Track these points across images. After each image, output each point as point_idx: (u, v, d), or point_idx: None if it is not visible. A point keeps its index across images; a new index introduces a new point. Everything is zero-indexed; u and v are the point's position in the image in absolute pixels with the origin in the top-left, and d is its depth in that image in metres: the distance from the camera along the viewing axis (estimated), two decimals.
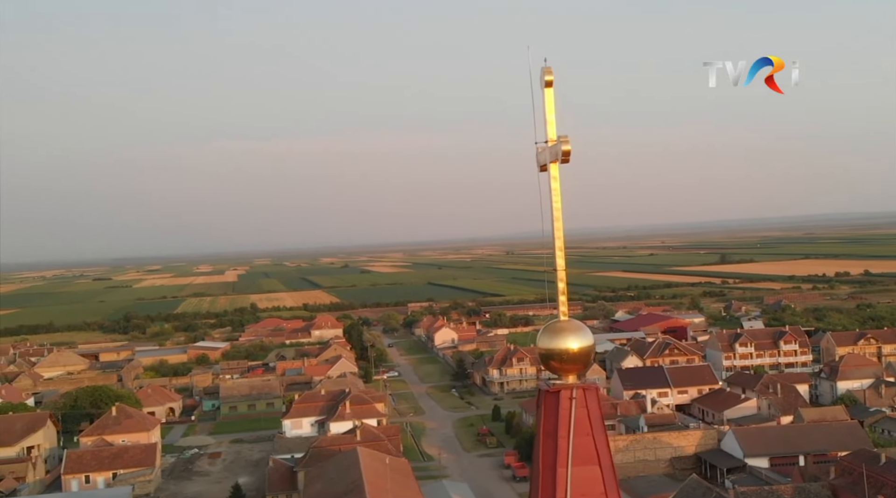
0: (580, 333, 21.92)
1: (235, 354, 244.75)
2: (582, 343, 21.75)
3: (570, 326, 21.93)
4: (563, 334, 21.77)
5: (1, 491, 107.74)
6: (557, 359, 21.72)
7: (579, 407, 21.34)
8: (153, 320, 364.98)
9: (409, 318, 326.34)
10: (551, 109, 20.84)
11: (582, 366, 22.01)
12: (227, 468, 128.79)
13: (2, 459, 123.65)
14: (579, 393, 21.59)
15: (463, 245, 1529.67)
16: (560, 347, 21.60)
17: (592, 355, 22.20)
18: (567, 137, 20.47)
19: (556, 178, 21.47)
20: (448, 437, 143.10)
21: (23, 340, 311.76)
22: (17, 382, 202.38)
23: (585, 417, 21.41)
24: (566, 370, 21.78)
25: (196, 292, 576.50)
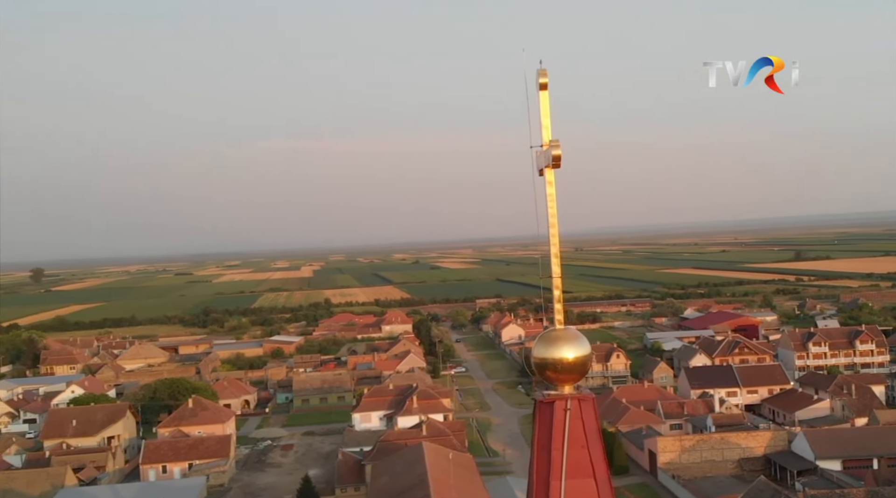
0: (576, 342, 21.11)
1: (309, 348, 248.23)
2: (577, 353, 20.95)
3: (565, 335, 21.12)
4: (558, 344, 20.99)
5: (82, 479, 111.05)
6: (552, 369, 20.97)
7: (574, 418, 20.56)
8: (231, 314, 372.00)
9: (477, 314, 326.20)
10: (546, 112, 20.35)
11: (578, 376, 21.22)
12: (298, 460, 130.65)
13: (83, 449, 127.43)
14: (574, 404, 20.82)
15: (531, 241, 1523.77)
16: (555, 356, 20.82)
17: (589, 365, 21.38)
18: (558, 142, 19.94)
19: (552, 183, 20.88)
20: (513, 433, 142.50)
21: (107, 333, 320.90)
22: (101, 374, 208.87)
23: (580, 428, 20.64)
24: (562, 380, 21.02)
25: (273, 287, 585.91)
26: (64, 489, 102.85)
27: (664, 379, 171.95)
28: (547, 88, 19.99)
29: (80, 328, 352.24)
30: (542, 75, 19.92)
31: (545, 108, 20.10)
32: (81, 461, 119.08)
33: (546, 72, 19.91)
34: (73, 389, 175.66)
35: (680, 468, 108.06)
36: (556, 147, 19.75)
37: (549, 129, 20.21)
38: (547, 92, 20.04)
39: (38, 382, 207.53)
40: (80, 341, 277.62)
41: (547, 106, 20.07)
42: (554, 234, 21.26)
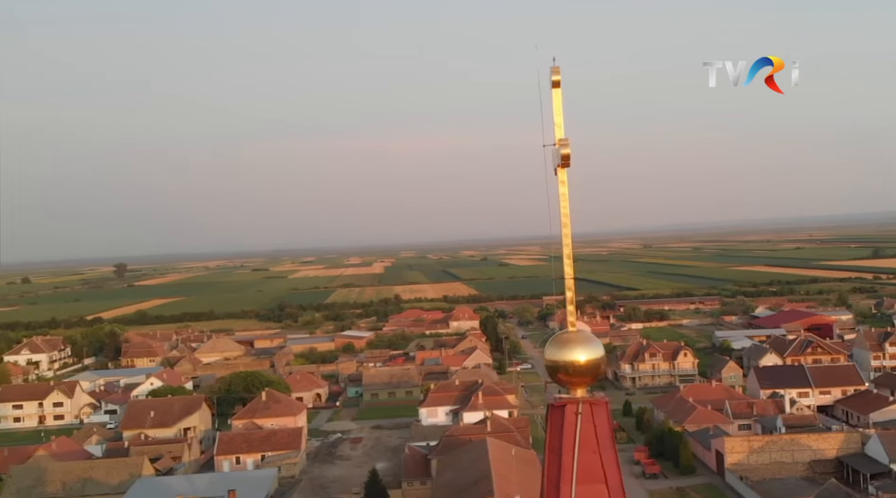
0: (589, 344, 20.39)
1: (379, 343, 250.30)
2: (590, 355, 20.22)
3: (578, 338, 20.43)
4: (570, 346, 20.31)
5: (158, 469, 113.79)
6: (564, 371, 20.31)
7: (585, 422, 19.87)
8: (305, 310, 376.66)
9: (543, 311, 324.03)
10: (559, 111, 19.76)
11: (590, 379, 20.48)
12: (367, 453, 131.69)
13: (160, 439, 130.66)
14: (586, 408, 20.12)
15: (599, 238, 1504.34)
16: (566, 359, 20.16)
17: (602, 368, 20.59)
18: (567, 140, 19.30)
19: (564, 182, 20.19)
20: None
21: (185, 327, 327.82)
22: (179, 367, 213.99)
23: (592, 432, 19.93)
24: (574, 383, 20.35)
25: (345, 283, 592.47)
26: (141, 479, 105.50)
27: (733, 378, 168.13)
28: (559, 86, 19.46)
29: (160, 322, 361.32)
30: (554, 73, 19.37)
31: (557, 106, 19.56)
32: (158, 452, 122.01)
33: (559, 69, 19.36)
34: (152, 382, 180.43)
35: (748, 469, 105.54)
36: (564, 146, 19.16)
37: (561, 127, 19.66)
38: (560, 89, 19.52)
39: (119, 374, 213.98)
40: (159, 335, 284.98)
41: (560, 104, 19.56)
42: (566, 235, 20.59)
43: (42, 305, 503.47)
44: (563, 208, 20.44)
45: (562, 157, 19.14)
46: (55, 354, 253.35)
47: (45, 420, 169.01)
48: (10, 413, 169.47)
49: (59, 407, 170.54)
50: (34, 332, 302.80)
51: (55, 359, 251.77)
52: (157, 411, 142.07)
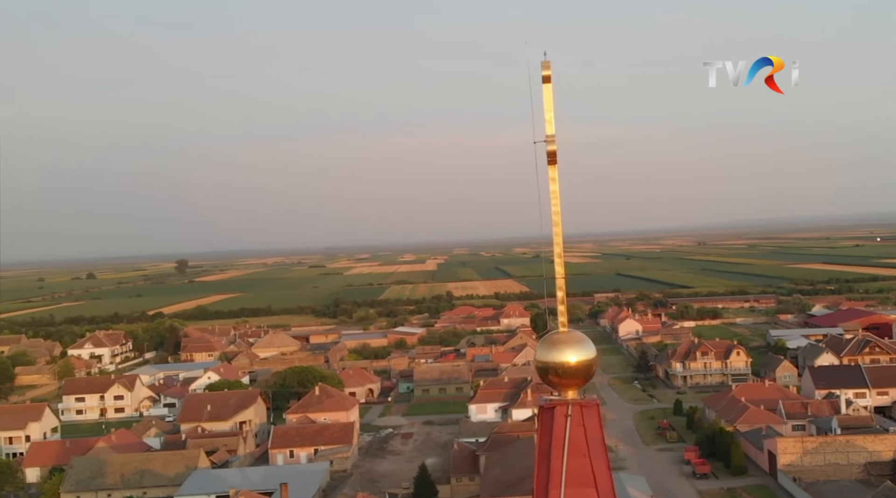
0: (580, 345, 19.50)
1: (430, 339, 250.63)
2: (581, 357, 19.37)
3: (568, 339, 19.57)
4: (561, 347, 19.47)
5: (214, 462, 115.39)
6: (554, 373, 19.46)
7: (575, 425, 19.03)
8: (359, 306, 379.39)
9: (594, 308, 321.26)
10: (549, 106, 18.96)
11: (581, 380, 19.61)
12: (417, 449, 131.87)
13: (217, 432, 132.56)
14: (576, 410, 19.29)
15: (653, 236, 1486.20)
16: (556, 360, 19.31)
17: (593, 370, 19.66)
18: (553, 137, 18.49)
19: (555, 179, 19.39)
20: (628, 429, 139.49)
21: (243, 322, 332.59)
22: (236, 361, 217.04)
23: (582, 436, 19.11)
24: (564, 385, 19.51)
25: (399, 280, 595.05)
26: (197, 471, 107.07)
27: (787, 378, 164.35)
28: (550, 81, 18.71)
29: (219, 317, 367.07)
30: (545, 68, 18.64)
31: (548, 101, 18.83)
32: (214, 444, 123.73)
33: (549, 64, 18.65)
34: (210, 376, 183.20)
35: (801, 471, 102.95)
36: (551, 142, 18.40)
37: (552, 123, 18.93)
38: (550, 85, 18.76)
39: (178, 368, 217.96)
40: (218, 330, 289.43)
41: (550, 99, 18.83)
42: (557, 234, 19.88)
43: (105, 300, 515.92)
44: (554, 207, 19.71)
45: (548, 155, 18.40)
46: (117, 348, 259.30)
47: (106, 413, 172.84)
48: (73, 406, 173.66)
49: (119, 400, 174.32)
50: (97, 326, 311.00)
51: (117, 353, 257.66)
52: (213, 405, 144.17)
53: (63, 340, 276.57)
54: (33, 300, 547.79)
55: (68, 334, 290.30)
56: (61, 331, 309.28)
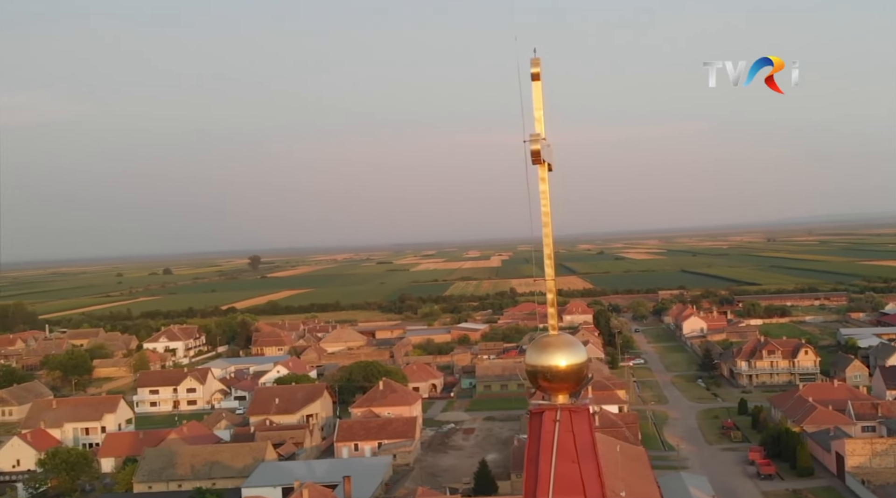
0: (570, 349, 18.65)
1: (493, 335, 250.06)
2: (571, 360, 18.51)
3: (558, 342, 18.73)
4: (550, 350, 18.65)
5: (281, 454, 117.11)
6: (543, 377, 18.66)
7: (564, 431, 18.23)
8: (424, 302, 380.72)
9: (658, 305, 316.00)
10: (538, 104, 18.24)
11: (572, 385, 18.75)
12: (478, 444, 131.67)
13: (284, 425, 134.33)
14: (564, 415, 18.47)
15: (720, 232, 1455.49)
16: (545, 363, 18.49)
17: (584, 374, 18.82)
18: (537, 136, 17.70)
19: (544, 179, 18.59)
20: (691, 428, 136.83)
21: (312, 317, 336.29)
22: (305, 356, 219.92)
23: (571, 441, 18.27)
24: (554, 389, 18.70)
25: (463, 276, 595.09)
26: (264, 463, 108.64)
27: (857, 378, 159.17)
28: (539, 78, 18.06)
29: (289, 312, 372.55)
30: (534, 65, 17.95)
31: (537, 99, 18.18)
32: (282, 437, 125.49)
33: (538, 61, 17.97)
34: (279, 370, 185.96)
35: (870, 473, 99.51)
36: (534, 141, 17.61)
37: (541, 121, 18.26)
38: (539, 82, 18.11)
39: (248, 361, 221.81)
40: (287, 324, 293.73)
41: (539, 97, 18.18)
42: (547, 234, 19.02)
43: (181, 295, 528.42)
44: (544, 207, 18.93)
45: (531, 154, 17.71)
46: (191, 342, 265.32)
47: (178, 405, 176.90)
48: (147, 398, 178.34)
49: (192, 393, 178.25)
50: (173, 320, 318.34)
51: (190, 347, 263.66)
52: (281, 398, 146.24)
53: (139, 333, 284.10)
54: (112, 295, 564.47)
55: (144, 328, 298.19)
56: (138, 325, 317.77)
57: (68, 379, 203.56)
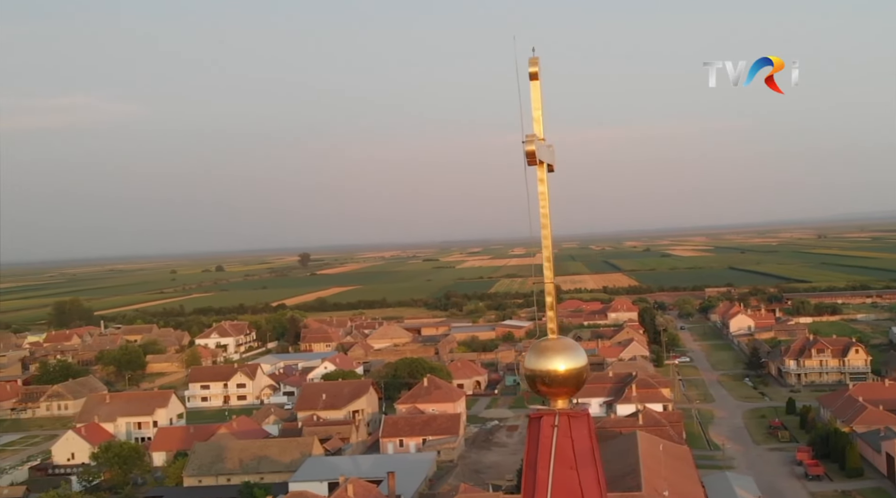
0: (569, 352, 18.01)
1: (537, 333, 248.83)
2: (570, 364, 17.86)
3: (557, 346, 18.10)
4: (549, 354, 18.02)
5: (328, 449, 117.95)
6: (542, 381, 18.06)
7: (562, 436, 17.63)
8: (469, 299, 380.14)
9: (705, 303, 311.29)
10: (537, 105, 17.68)
11: (571, 389, 18.13)
12: (522, 441, 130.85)
13: (331, 421, 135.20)
14: (563, 420, 17.87)
15: (770, 228, 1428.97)
16: (544, 368, 17.88)
17: (584, 378, 18.22)
18: (533, 137, 17.10)
19: (543, 180, 18.01)
20: (737, 427, 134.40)
21: (360, 314, 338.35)
22: (352, 352, 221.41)
23: (569, 447, 17.65)
24: (553, 394, 18.11)
25: (508, 274, 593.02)
26: (311, 458, 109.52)
27: None
28: (537, 78, 17.56)
29: (337, 309, 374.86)
30: (532, 64, 17.44)
31: (536, 99, 17.68)
32: (329, 432, 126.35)
33: (537, 60, 17.45)
34: (326, 366, 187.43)
35: None
36: (529, 142, 17.04)
37: (539, 122, 17.74)
38: (538, 82, 17.62)
39: (297, 357, 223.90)
40: (335, 321, 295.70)
41: (538, 97, 17.69)
42: (546, 236, 18.46)
43: (232, 291, 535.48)
44: (542, 209, 18.38)
45: (526, 155, 17.18)
46: (241, 337, 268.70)
47: (229, 400, 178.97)
48: (198, 393, 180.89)
49: (242, 388, 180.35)
50: (224, 317, 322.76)
51: (241, 342, 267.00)
52: (328, 394, 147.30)
53: (191, 329, 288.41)
54: (166, 291, 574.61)
55: (196, 324, 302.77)
56: (190, 321, 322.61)
57: (122, 374, 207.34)
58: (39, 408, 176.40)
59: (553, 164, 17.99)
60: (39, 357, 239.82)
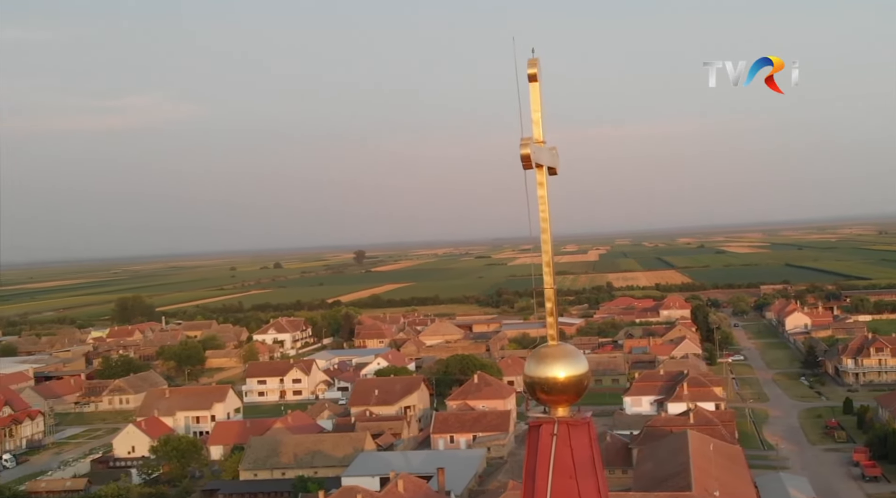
0: (569, 359, 17.24)
1: (588, 330, 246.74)
2: (570, 372, 17.09)
3: (557, 352, 17.33)
4: (548, 361, 17.26)
5: (380, 445, 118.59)
6: (541, 389, 17.32)
7: (561, 445, 16.93)
8: (521, 296, 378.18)
9: (760, 300, 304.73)
10: (536, 106, 17.04)
11: (572, 397, 17.37)
12: None
13: (383, 416, 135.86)
14: (562, 429, 17.16)
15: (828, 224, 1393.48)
16: (543, 375, 17.13)
17: (585, 385, 17.48)
18: (528, 139, 16.43)
19: (543, 183, 17.28)
20: (792, 427, 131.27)
21: (412, 311, 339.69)
22: (404, 348, 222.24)
23: (569, 456, 16.91)
24: (553, 402, 17.37)
25: (560, 271, 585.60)
26: (364, 453, 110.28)
27: None
28: (537, 79, 16.99)
29: (391, 306, 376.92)
30: (531, 65, 16.86)
31: (535, 101, 17.11)
32: (381, 428, 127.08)
33: (536, 62, 16.85)
34: (379, 362, 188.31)
35: None
36: (524, 145, 16.42)
37: (539, 124, 17.16)
38: (537, 83, 17.05)
39: (351, 353, 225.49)
40: (388, 318, 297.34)
41: (537, 99, 17.12)
42: (545, 241, 17.70)
43: (290, 288, 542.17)
44: (542, 213, 17.69)
45: (521, 158, 16.60)
46: (297, 334, 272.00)
47: (284, 395, 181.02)
48: (255, 388, 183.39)
49: (297, 383, 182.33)
50: (281, 313, 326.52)
51: (297, 339, 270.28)
52: (380, 390, 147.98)
53: (249, 325, 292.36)
54: (225, 288, 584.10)
55: (254, 320, 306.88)
56: (248, 317, 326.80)
57: (182, 369, 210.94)
58: (102, 402, 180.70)
59: (555, 166, 17.50)
60: (102, 352, 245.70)
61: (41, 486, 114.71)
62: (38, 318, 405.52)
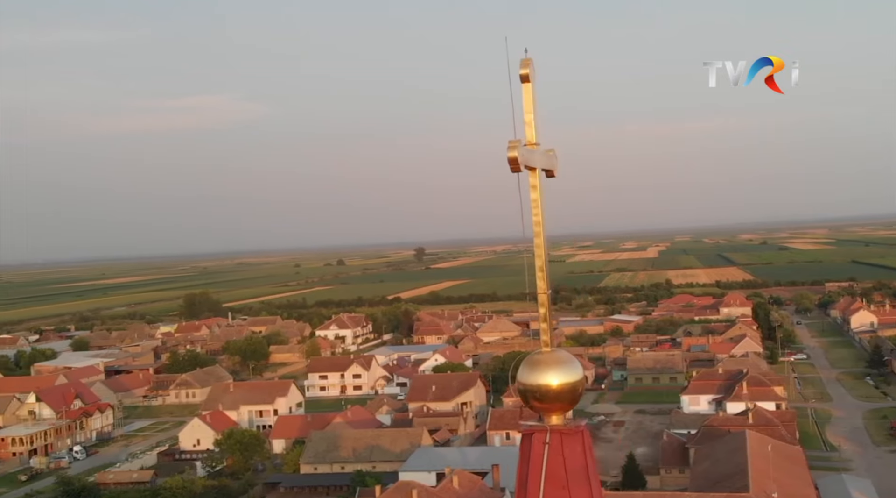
0: (563, 366, 16.45)
1: (646, 327, 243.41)
2: (564, 379, 16.30)
3: (551, 359, 16.54)
4: (541, 368, 16.49)
5: (436, 440, 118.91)
6: (534, 396, 16.62)
7: (554, 454, 16.20)
8: (578, 293, 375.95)
9: (824, 298, 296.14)
10: (529, 108, 16.33)
11: (566, 405, 16.58)
12: (628, 437, 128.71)
13: (440, 412, 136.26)
14: (555, 438, 16.44)
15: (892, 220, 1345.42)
16: (536, 382, 16.38)
17: (579, 393, 16.69)
18: (515, 143, 15.69)
19: (536, 186, 16.55)
20: (856, 428, 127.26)
21: (470, 307, 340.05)
22: (462, 345, 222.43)
23: (561, 466, 16.19)
24: (547, 410, 16.61)
25: (619, 268, 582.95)
26: (420, 448, 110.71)
27: None
28: (529, 80, 16.36)
29: (449, 302, 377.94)
30: (523, 66, 16.21)
31: (527, 102, 16.48)
32: (437, 423, 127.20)
33: (529, 62, 16.21)
34: (437, 358, 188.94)
35: None
36: (511, 148, 15.72)
37: (532, 125, 16.52)
38: (530, 84, 16.42)
39: (410, 349, 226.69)
40: (447, 314, 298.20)
41: (530, 100, 16.49)
42: (539, 245, 17.01)
43: (352, 285, 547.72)
44: (535, 217, 17.03)
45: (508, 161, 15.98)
46: (358, 329, 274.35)
47: (345, 390, 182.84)
48: (317, 383, 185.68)
49: (357, 378, 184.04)
50: (343, 309, 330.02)
51: (358, 334, 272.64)
52: (438, 386, 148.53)
53: (312, 321, 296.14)
54: (290, 284, 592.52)
55: (317, 316, 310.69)
56: (311, 313, 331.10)
57: (246, 364, 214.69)
58: (169, 395, 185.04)
59: (552, 169, 17.00)
60: (170, 347, 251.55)
61: (109, 477, 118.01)
62: (110, 313, 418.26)
